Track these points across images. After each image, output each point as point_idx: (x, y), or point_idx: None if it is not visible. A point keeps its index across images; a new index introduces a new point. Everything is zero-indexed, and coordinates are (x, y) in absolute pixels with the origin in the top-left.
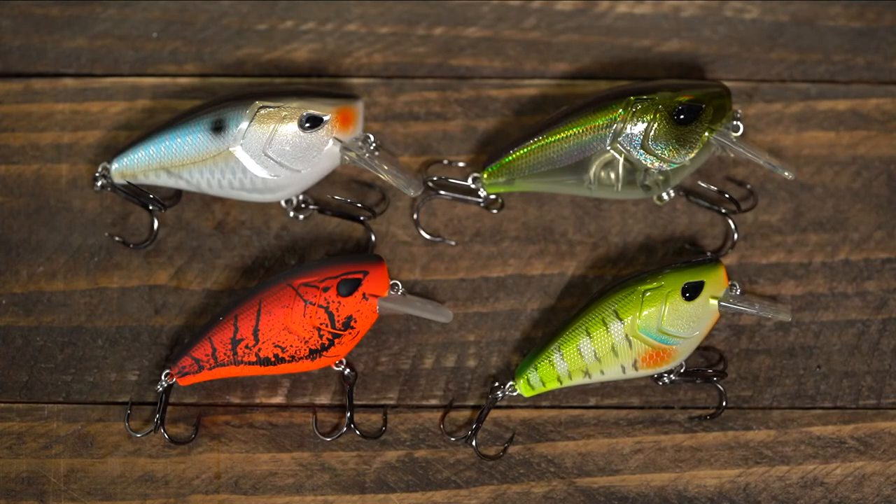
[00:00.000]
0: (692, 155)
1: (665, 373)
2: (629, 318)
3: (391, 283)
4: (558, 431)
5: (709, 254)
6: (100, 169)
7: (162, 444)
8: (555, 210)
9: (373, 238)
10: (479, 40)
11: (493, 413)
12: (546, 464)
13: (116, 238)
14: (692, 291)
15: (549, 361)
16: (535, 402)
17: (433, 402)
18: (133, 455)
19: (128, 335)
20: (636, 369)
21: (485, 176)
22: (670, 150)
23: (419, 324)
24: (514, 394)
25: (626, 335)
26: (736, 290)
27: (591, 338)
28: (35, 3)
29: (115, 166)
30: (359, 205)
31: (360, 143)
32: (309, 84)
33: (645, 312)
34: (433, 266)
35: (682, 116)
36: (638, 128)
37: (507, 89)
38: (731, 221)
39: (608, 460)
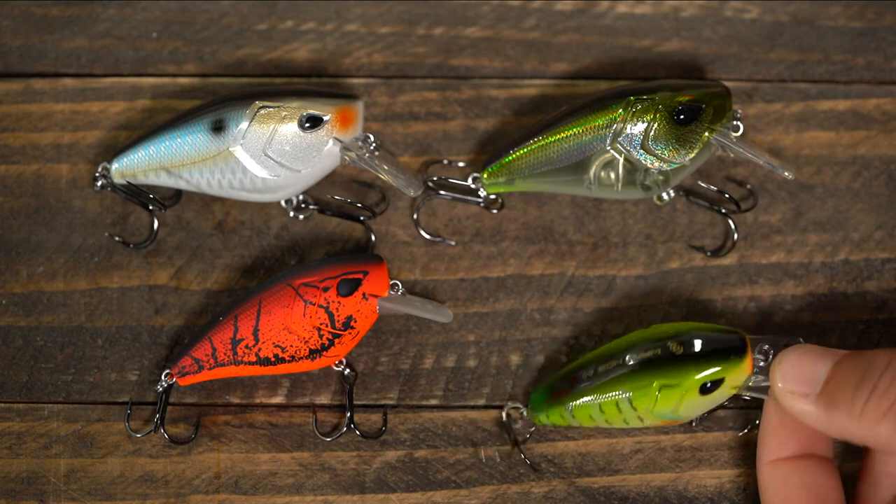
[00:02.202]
0: (692, 155)
1: None
2: (644, 408)
3: (391, 283)
4: (558, 431)
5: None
6: (100, 169)
7: (162, 444)
8: (555, 210)
9: (373, 238)
10: (479, 40)
11: (494, 413)
12: (546, 464)
13: (116, 238)
14: (712, 386)
15: (561, 415)
16: None
17: (433, 402)
18: (133, 455)
19: (128, 335)
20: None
21: (485, 176)
22: (670, 150)
23: (419, 324)
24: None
25: (640, 417)
26: (757, 379)
27: (603, 413)
28: (35, 3)
29: (115, 166)
30: (359, 205)
31: (360, 143)
32: (309, 84)
33: (659, 407)
34: (433, 266)
35: (682, 116)
36: (638, 128)
37: (507, 89)
38: (731, 221)
39: (608, 460)
